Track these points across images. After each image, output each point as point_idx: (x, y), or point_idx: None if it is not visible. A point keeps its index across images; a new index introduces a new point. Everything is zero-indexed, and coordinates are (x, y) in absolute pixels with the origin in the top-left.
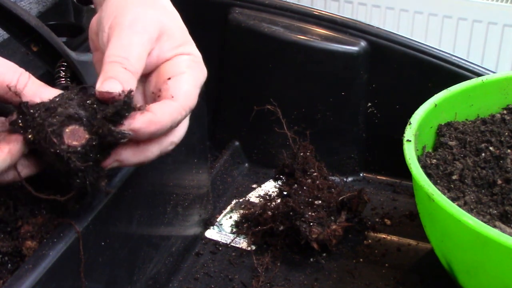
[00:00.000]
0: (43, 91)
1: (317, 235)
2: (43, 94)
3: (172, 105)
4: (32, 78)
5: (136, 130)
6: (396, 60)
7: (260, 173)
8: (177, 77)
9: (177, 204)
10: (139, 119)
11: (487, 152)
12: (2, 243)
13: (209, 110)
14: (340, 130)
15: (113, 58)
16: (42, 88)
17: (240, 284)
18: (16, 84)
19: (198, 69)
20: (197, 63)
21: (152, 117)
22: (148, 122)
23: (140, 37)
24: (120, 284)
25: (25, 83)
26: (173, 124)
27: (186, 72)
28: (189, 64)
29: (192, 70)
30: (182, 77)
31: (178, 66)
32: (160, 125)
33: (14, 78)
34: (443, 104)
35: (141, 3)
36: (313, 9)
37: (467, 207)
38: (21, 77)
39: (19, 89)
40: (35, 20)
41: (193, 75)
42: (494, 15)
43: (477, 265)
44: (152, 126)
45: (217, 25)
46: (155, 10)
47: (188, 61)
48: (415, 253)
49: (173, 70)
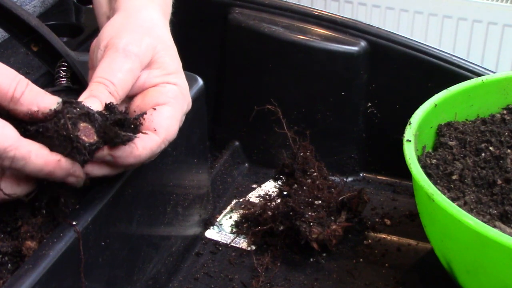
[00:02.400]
0: (40, 99)
1: (317, 235)
2: (40, 102)
3: (154, 139)
4: (30, 85)
5: (116, 157)
6: (396, 60)
7: (260, 173)
8: (161, 109)
9: (177, 204)
10: (121, 148)
11: (487, 152)
12: (2, 243)
13: (209, 110)
14: (340, 130)
15: (101, 80)
16: (40, 96)
17: (240, 284)
18: (13, 93)
19: (182, 100)
20: (183, 94)
21: (134, 150)
22: (129, 153)
23: (131, 63)
24: (120, 284)
25: (22, 91)
26: (151, 157)
27: (170, 102)
28: (175, 94)
29: (176, 101)
30: (166, 109)
31: (163, 95)
32: (139, 159)
33: (11, 86)
34: (443, 104)
35: (139, 29)
36: (313, 9)
37: (467, 207)
38: (18, 85)
39: (15, 97)
40: (35, 20)
41: (177, 108)
42: (494, 15)
43: (477, 265)
44: (131, 159)
45: (217, 25)
46: (150, 37)
47: (174, 92)
48: (415, 253)
49: (158, 98)
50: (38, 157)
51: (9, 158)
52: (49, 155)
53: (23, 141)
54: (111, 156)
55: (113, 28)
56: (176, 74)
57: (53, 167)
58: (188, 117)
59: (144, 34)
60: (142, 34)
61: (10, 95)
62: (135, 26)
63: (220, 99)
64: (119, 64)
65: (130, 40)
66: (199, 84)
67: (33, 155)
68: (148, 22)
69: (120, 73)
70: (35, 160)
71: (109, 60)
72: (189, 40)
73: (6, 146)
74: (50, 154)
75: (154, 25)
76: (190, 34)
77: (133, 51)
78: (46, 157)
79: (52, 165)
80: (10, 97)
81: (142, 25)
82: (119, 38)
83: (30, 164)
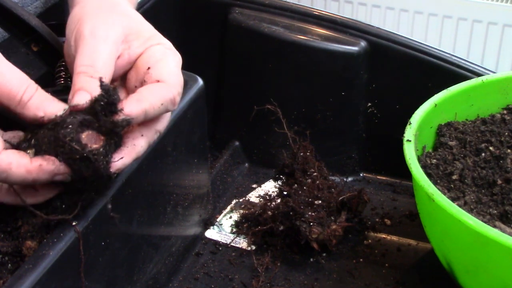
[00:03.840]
0: (47, 104)
1: (317, 235)
2: (47, 108)
3: (159, 85)
4: (39, 90)
5: (129, 113)
6: (396, 60)
7: (260, 173)
8: (156, 64)
9: (177, 204)
10: (126, 103)
11: (487, 152)
12: (2, 243)
13: (209, 110)
14: (340, 130)
15: (80, 69)
16: (47, 101)
17: (240, 284)
18: (22, 96)
19: (172, 54)
20: (170, 49)
21: (138, 96)
22: (136, 101)
23: (103, 43)
24: (120, 284)
25: (31, 95)
26: (164, 102)
27: (162, 58)
28: (163, 51)
29: (168, 56)
30: (160, 62)
31: (153, 56)
32: (148, 103)
33: (21, 89)
34: (443, 104)
35: (99, 12)
36: (313, 9)
37: (467, 207)
38: (28, 88)
39: (23, 101)
40: (35, 20)
41: (171, 59)
42: (494, 15)
43: (477, 265)
44: (141, 104)
45: (217, 25)
46: (114, 15)
47: (161, 49)
48: (415, 253)
49: (149, 60)
50: (20, 167)
51: None
52: (29, 163)
53: (2, 155)
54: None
55: (75, 19)
56: (154, 36)
57: (36, 174)
58: (188, 117)
59: (107, 15)
60: (105, 15)
61: (18, 98)
62: (96, 10)
63: (220, 99)
64: (91, 48)
65: (94, 24)
66: (199, 84)
67: (14, 167)
68: (109, 3)
69: (96, 54)
70: (16, 171)
71: (81, 49)
72: (189, 40)
73: None
74: (30, 162)
75: (115, 5)
76: (190, 34)
77: (101, 32)
78: (27, 166)
79: (35, 172)
80: (18, 101)
81: (102, 7)
82: (82, 27)
83: (13, 175)
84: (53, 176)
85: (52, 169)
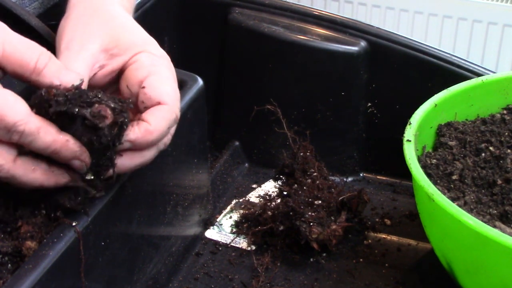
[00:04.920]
0: (63, 73)
1: (317, 235)
2: (63, 76)
3: (161, 109)
4: (53, 58)
5: (133, 141)
6: (396, 60)
7: (260, 173)
8: (150, 81)
9: (177, 204)
10: (135, 131)
11: (487, 152)
12: (2, 243)
13: (209, 110)
14: (340, 130)
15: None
16: (63, 70)
17: (240, 284)
18: (36, 64)
19: (162, 63)
20: (158, 57)
21: (147, 126)
22: (145, 132)
23: (77, 56)
24: (120, 284)
25: (45, 63)
26: (170, 125)
27: (154, 71)
28: (150, 61)
29: (158, 67)
30: (153, 77)
31: (141, 68)
32: (157, 133)
33: (33, 57)
34: (443, 104)
35: (78, 23)
36: (313, 9)
37: (467, 207)
38: (41, 56)
39: (38, 68)
40: (35, 20)
41: (163, 70)
42: (494, 15)
43: (477, 265)
44: (149, 136)
45: (217, 25)
46: (95, 24)
47: (148, 59)
48: (415, 253)
49: (137, 74)
50: (47, 134)
51: (18, 133)
52: (58, 134)
53: (32, 117)
54: (129, 142)
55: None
56: (137, 42)
57: (60, 146)
58: (188, 117)
59: (86, 25)
60: (84, 26)
61: (32, 66)
62: (76, 20)
63: (220, 99)
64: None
65: (70, 37)
66: (199, 84)
67: (42, 132)
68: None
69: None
70: (43, 137)
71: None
72: (189, 40)
73: (16, 120)
74: (58, 133)
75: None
76: (190, 34)
77: (76, 45)
78: (54, 135)
79: (60, 144)
80: (33, 68)
81: (85, 14)
82: (60, 41)
83: (38, 140)
84: (73, 158)
85: (75, 150)
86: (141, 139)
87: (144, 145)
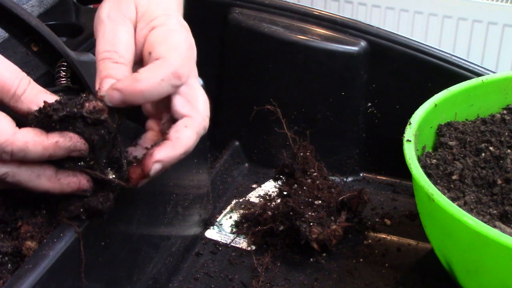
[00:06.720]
0: (41, 97)
1: (317, 235)
2: (40, 101)
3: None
4: (32, 84)
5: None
6: (396, 60)
7: (260, 173)
8: (156, 48)
9: (177, 204)
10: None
11: (487, 152)
12: (2, 243)
13: (209, 110)
14: (340, 130)
15: (103, 55)
16: (41, 94)
17: (240, 284)
18: (16, 90)
19: (176, 33)
20: (174, 30)
21: (135, 75)
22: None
23: (121, 25)
24: (120, 284)
25: (24, 89)
26: (165, 77)
27: (164, 41)
28: (165, 34)
29: (169, 36)
30: (161, 45)
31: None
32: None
33: (15, 82)
34: (443, 104)
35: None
36: (313, 9)
37: (467, 207)
38: (21, 82)
39: (17, 95)
40: (35, 20)
41: (173, 38)
42: (494, 15)
43: (477, 265)
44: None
45: (217, 25)
46: None
47: (163, 32)
48: (415, 253)
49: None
50: (36, 145)
51: (8, 153)
52: (46, 140)
53: (17, 134)
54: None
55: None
56: (160, 17)
57: (53, 150)
58: None
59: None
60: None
61: (12, 92)
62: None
63: (220, 99)
64: (111, 32)
65: (112, 7)
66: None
67: (31, 145)
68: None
69: (116, 39)
70: (34, 149)
71: (102, 34)
72: None
73: (2, 141)
74: (46, 139)
75: None
76: None
77: (112, 16)
78: (44, 143)
79: (52, 148)
80: (12, 95)
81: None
82: (101, 10)
83: (30, 153)
84: (70, 153)
85: (68, 145)
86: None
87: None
